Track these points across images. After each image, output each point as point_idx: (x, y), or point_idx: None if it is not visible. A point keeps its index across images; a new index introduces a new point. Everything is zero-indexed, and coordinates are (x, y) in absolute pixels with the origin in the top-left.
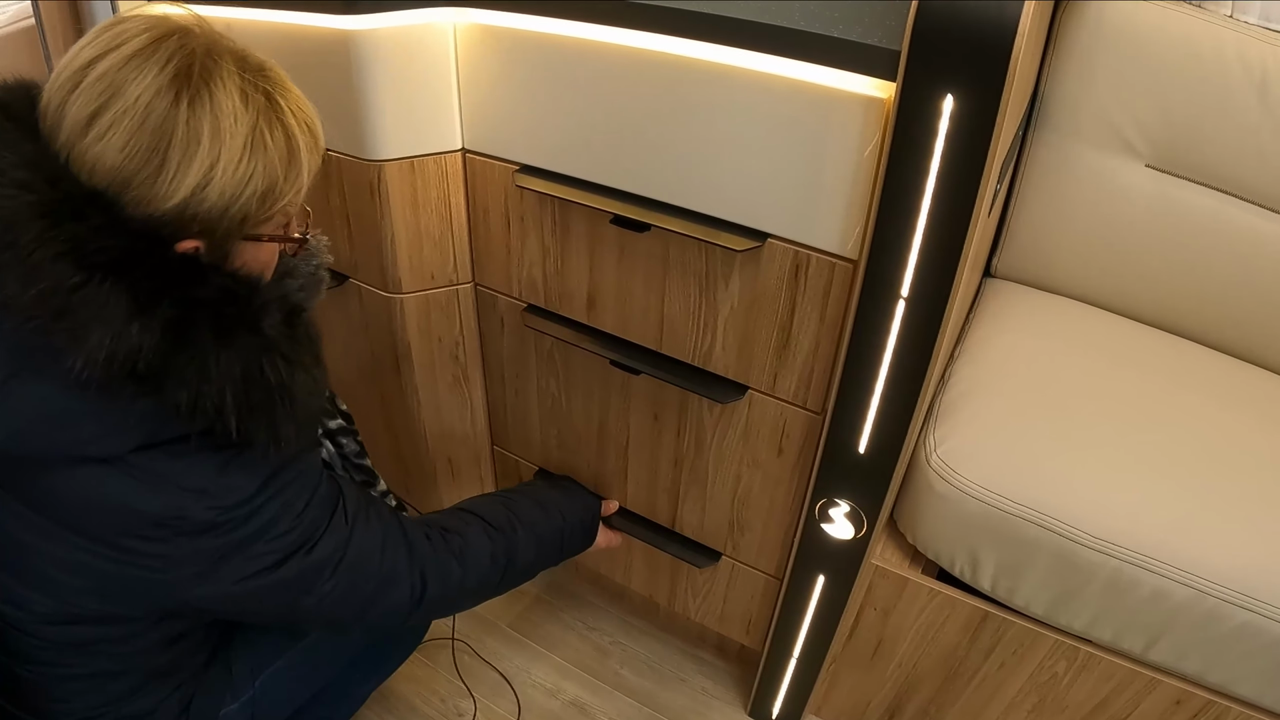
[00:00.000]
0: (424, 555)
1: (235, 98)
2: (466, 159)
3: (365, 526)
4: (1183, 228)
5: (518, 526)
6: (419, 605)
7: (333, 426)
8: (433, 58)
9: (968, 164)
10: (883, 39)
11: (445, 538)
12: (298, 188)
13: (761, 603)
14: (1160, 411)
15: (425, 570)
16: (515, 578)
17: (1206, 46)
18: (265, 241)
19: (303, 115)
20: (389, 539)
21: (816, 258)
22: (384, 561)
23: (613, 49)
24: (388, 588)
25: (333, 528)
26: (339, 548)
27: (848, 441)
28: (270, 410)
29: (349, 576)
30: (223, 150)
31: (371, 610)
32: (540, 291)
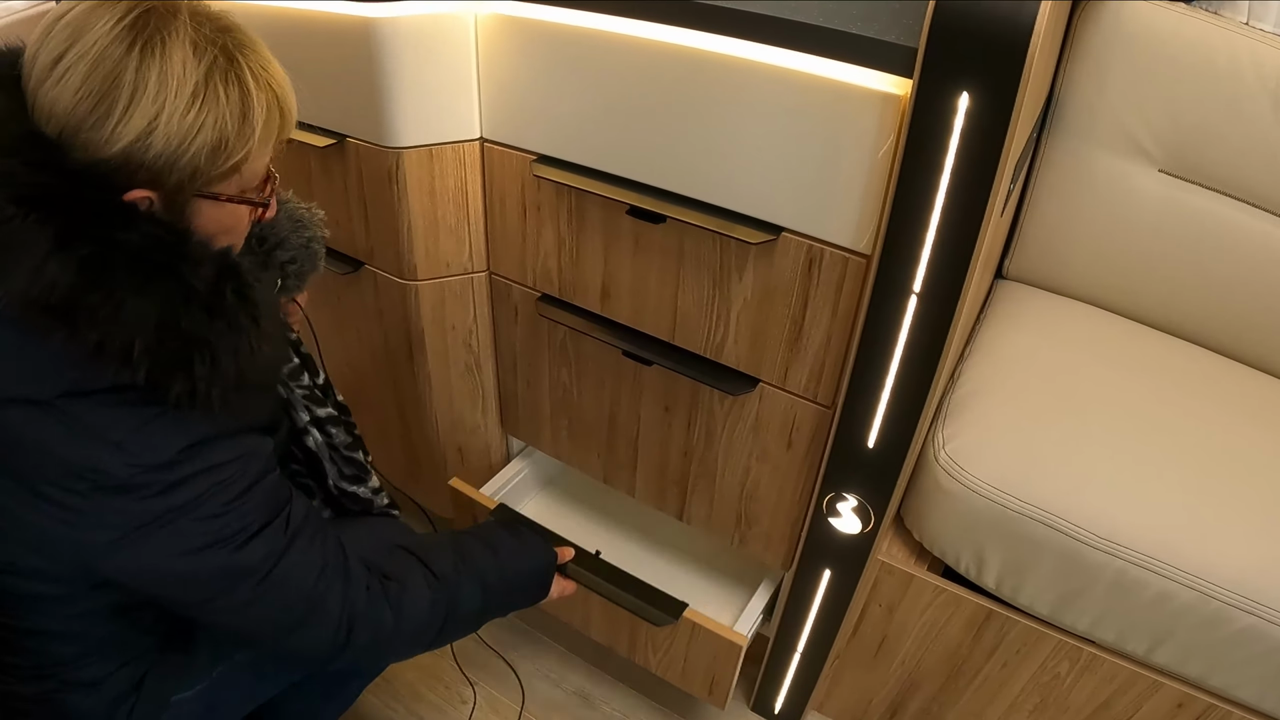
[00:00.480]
0: (357, 600)
1: (188, 49)
2: (484, 148)
3: (306, 548)
4: (1194, 233)
5: (463, 576)
6: (343, 650)
7: (321, 414)
8: (453, 47)
9: (982, 162)
10: (900, 36)
11: (384, 585)
12: (251, 146)
13: (724, 664)
14: (1169, 415)
15: (355, 617)
16: (456, 629)
17: (1221, 53)
18: (223, 201)
19: (265, 76)
20: (328, 572)
21: (830, 252)
22: (314, 593)
23: (632, 41)
24: (311, 623)
25: (268, 534)
26: (269, 558)
27: (857, 436)
28: (186, 364)
29: (272, 595)
30: (169, 99)
31: (289, 640)
32: (555, 281)
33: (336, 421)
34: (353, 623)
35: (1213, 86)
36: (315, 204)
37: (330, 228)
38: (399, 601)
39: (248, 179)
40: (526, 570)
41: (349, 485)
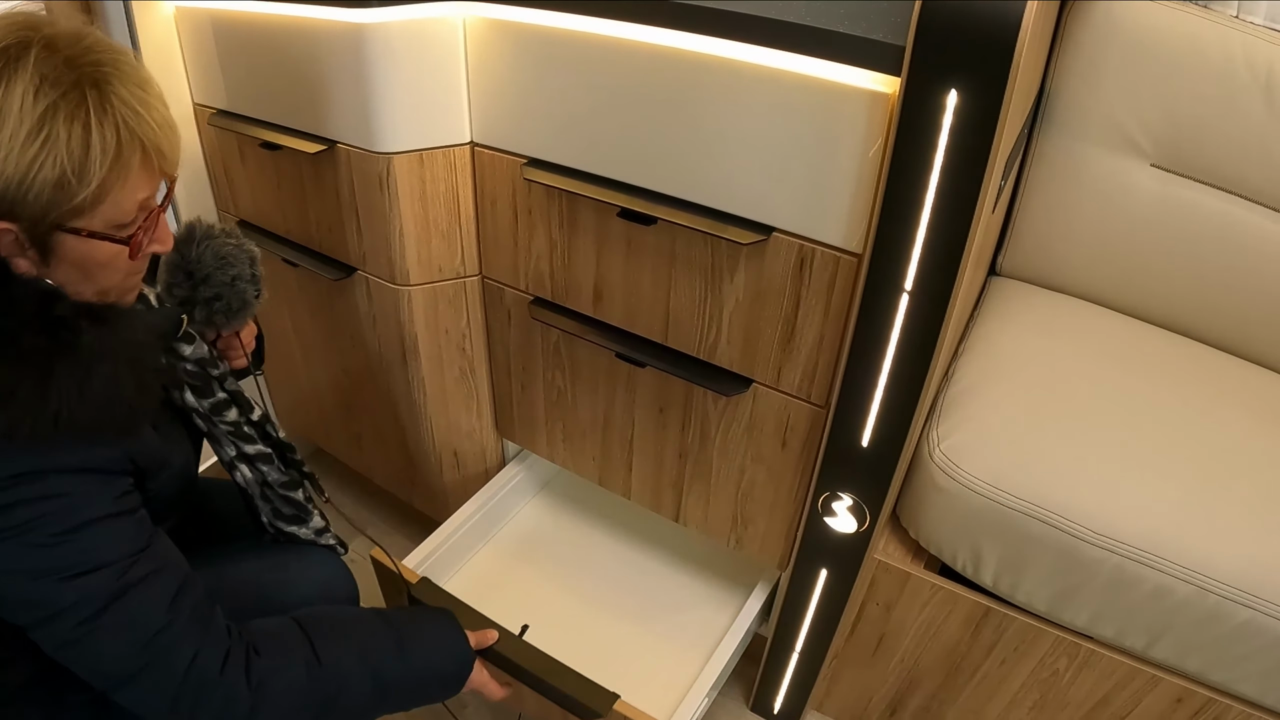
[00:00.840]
0: (208, 668)
1: (29, 87)
2: (475, 152)
3: (149, 601)
4: (1187, 228)
5: (353, 669)
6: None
7: (249, 451)
8: (442, 51)
9: (971, 159)
10: (888, 34)
11: (249, 660)
12: (95, 183)
13: None
14: (1164, 410)
15: (203, 687)
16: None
17: (1213, 47)
18: (85, 237)
19: (123, 112)
20: (174, 632)
21: (821, 251)
22: (151, 651)
23: (620, 43)
24: (144, 681)
25: (102, 575)
26: (101, 596)
27: (851, 435)
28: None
29: (100, 640)
30: (6, 137)
31: (122, 694)
32: (547, 284)
33: (269, 460)
34: (199, 692)
35: (1205, 80)
36: (250, 242)
37: (322, 234)
38: (262, 682)
39: (115, 214)
40: (435, 670)
41: (286, 525)
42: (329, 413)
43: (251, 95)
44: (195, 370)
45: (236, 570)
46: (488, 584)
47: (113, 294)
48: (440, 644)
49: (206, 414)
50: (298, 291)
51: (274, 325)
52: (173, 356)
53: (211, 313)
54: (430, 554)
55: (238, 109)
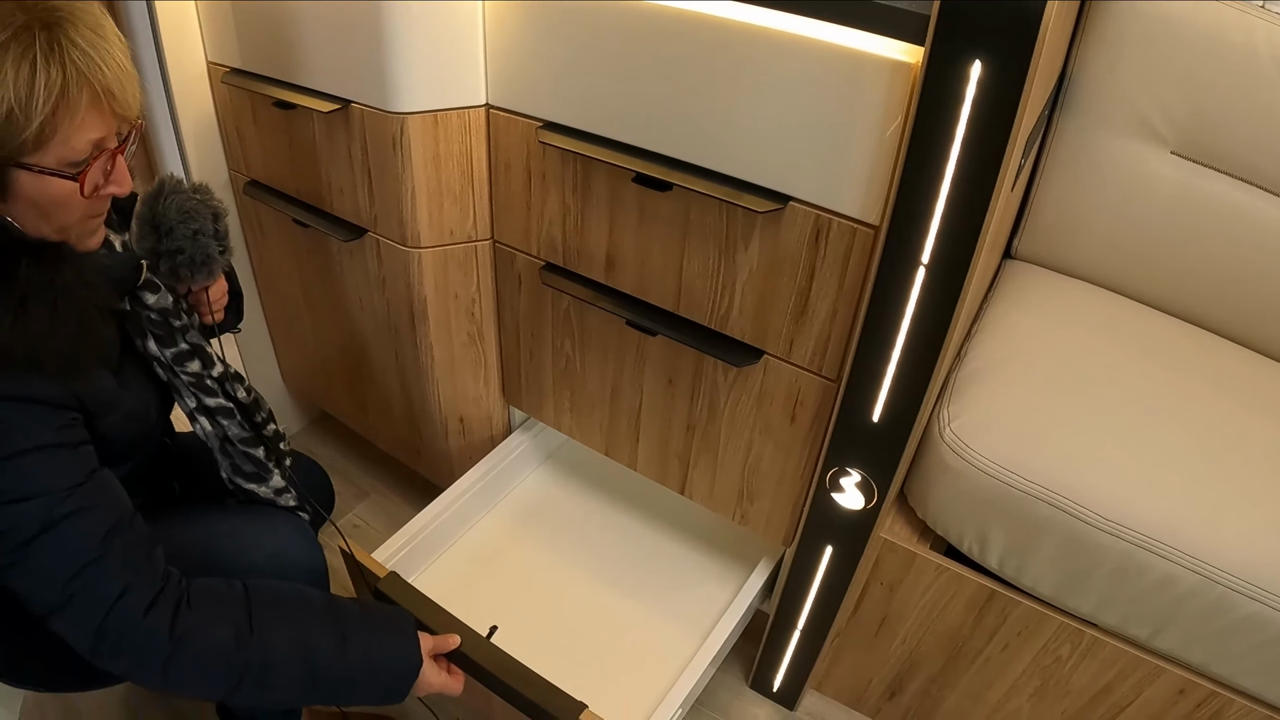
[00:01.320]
0: (133, 611)
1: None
2: (490, 114)
3: (75, 531)
4: (1205, 216)
5: (283, 647)
6: (99, 656)
7: (210, 404)
8: (459, 12)
9: (993, 132)
10: (912, 3)
11: (177, 610)
12: (41, 119)
13: None
14: (1176, 399)
15: (124, 627)
16: (261, 695)
17: (1236, 34)
18: (37, 173)
19: (66, 53)
20: (98, 565)
21: (838, 222)
22: (77, 583)
23: (640, 7)
24: (68, 612)
25: (37, 503)
26: (31, 525)
27: (861, 410)
28: None
29: (31, 566)
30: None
31: (51, 621)
32: (559, 250)
33: (229, 414)
34: (120, 631)
35: (1227, 69)
36: (216, 198)
37: (334, 194)
38: (186, 634)
39: (66, 153)
40: (374, 671)
41: (245, 482)
42: (335, 376)
43: (265, 54)
44: (158, 319)
45: (191, 528)
46: (487, 554)
47: (72, 234)
48: (387, 647)
49: (168, 364)
50: (306, 253)
51: (283, 287)
52: (137, 305)
53: (175, 265)
54: (428, 524)
55: (251, 67)
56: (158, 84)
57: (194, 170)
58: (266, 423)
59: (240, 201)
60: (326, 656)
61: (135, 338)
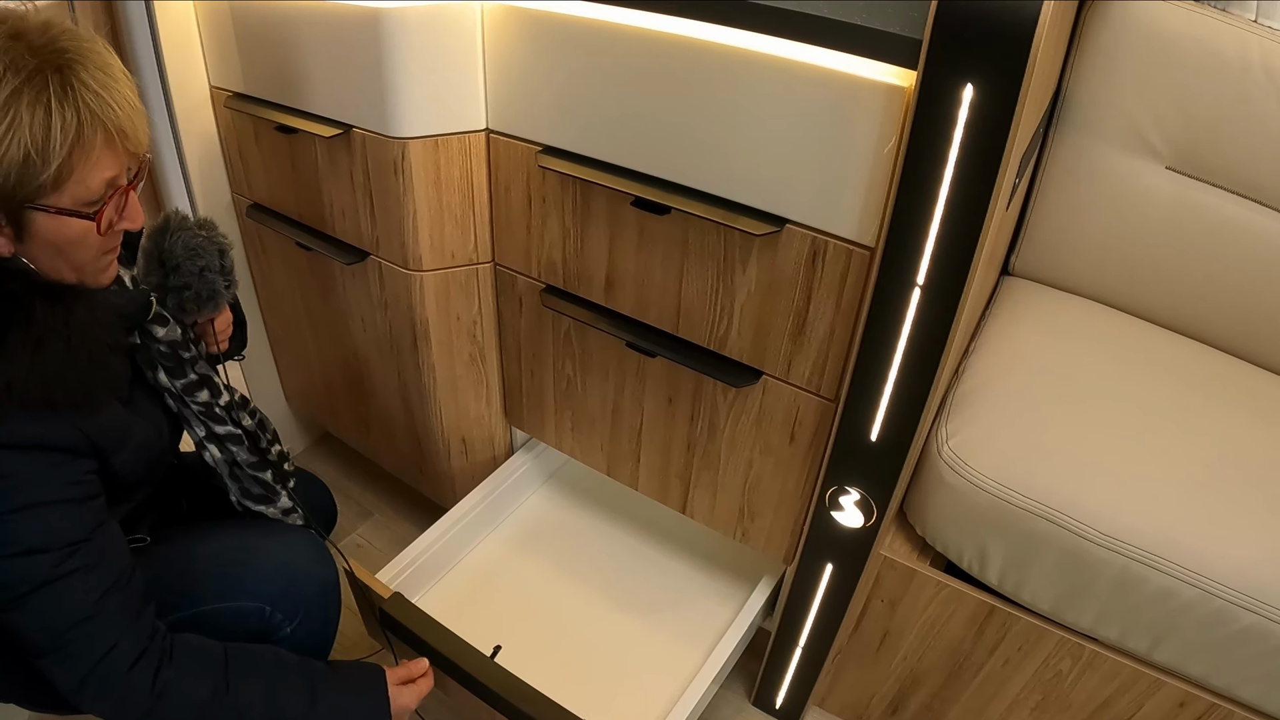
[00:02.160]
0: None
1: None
2: (490, 139)
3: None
4: (1202, 231)
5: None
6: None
7: (220, 432)
8: (459, 37)
9: (986, 154)
10: (905, 27)
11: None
12: (58, 161)
13: None
14: (1173, 413)
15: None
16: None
17: (1230, 50)
18: (54, 214)
19: (83, 94)
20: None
21: (834, 244)
22: (65, 636)
23: (638, 32)
24: (55, 661)
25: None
26: (28, 581)
27: (860, 429)
28: None
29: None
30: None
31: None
32: (559, 272)
33: (239, 440)
34: (103, 682)
35: (1222, 84)
36: (222, 234)
37: (336, 217)
38: (166, 689)
39: (81, 192)
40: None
41: (253, 504)
42: (338, 397)
43: (268, 78)
44: (167, 352)
45: (206, 544)
46: (490, 574)
47: (88, 271)
48: (354, 702)
49: (178, 394)
50: (309, 275)
51: (285, 309)
52: (147, 338)
53: (182, 300)
54: (431, 545)
55: (254, 92)
56: (162, 108)
57: (197, 193)
58: (272, 444)
59: (243, 224)
60: (295, 712)
61: (145, 370)
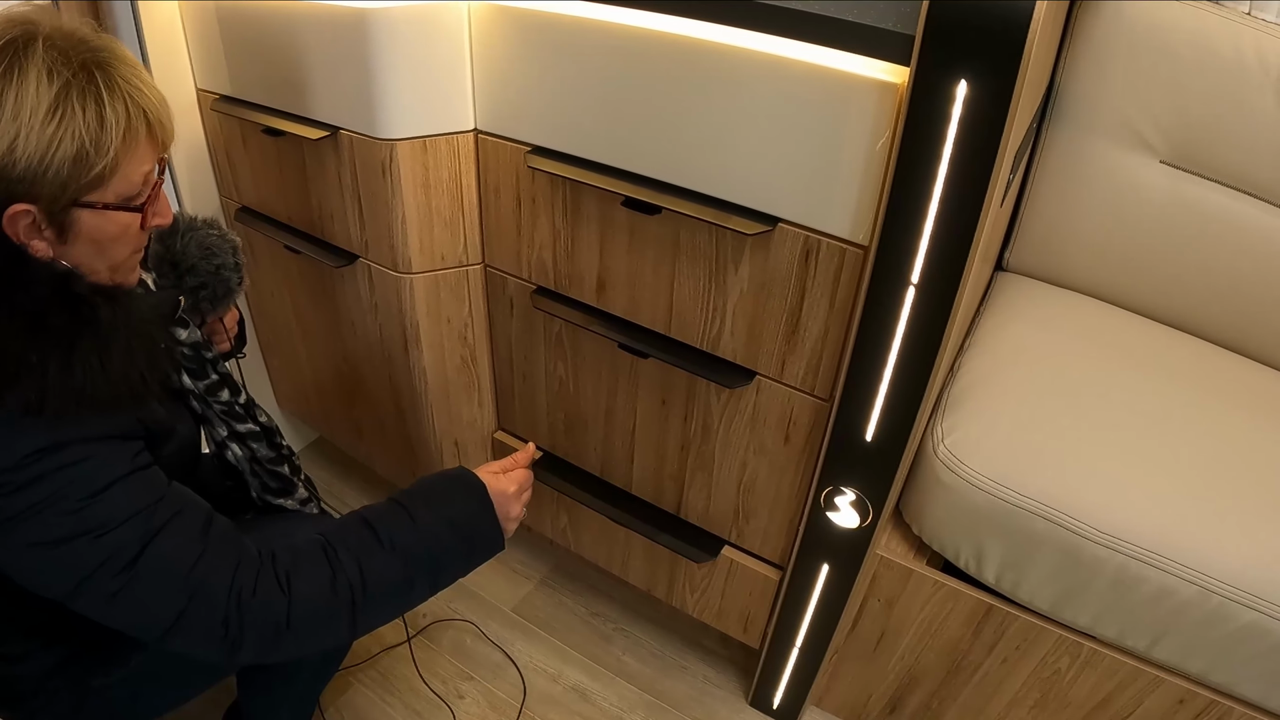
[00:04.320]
0: (245, 582)
1: (42, 72)
2: (479, 139)
3: (177, 538)
4: (1196, 225)
5: (371, 551)
6: (236, 644)
7: (241, 430)
8: (447, 38)
9: (981, 150)
10: (897, 24)
11: (273, 562)
12: (112, 155)
13: (759, 599)
14: (1170, 409)
15: (244, 601)
16: (382, 607)
17: (1224, 43)
18: (100, 209)
19: (123, 89)
20: (205, 562)
21: (827, 243)
22: (192, 580)
23: (627, 30)
24: (191, 615)
25: (131, 524)
26: (133, 544)
27: (855, 429)
28: (15, 380)
29: (141, 584)
30: (26, 118)
31: (177, 634)
32: (550, 274)
33: (258, 437)
34: (243, 607)
35: (1216, 78)
36: (231, 231)
37: (324, 220)
38: (292, 582)
39: (125, 187)
40: (451, 516)
41: (274, 498)
42: (330, 401)
43: (255, 81)
44: (190, 354)
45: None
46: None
47: (122, 270)
48: (449, 495)
49: (201, 395)
50: (299, 278)
51: (275, 312)
52: (170, 340)
53: (198, 300)
54: None
55: (241, 94)
56: None
57: (185, 197)
58: (282, 443)
59: (232, 228)
60: (407, 536)
61: (171, 373)
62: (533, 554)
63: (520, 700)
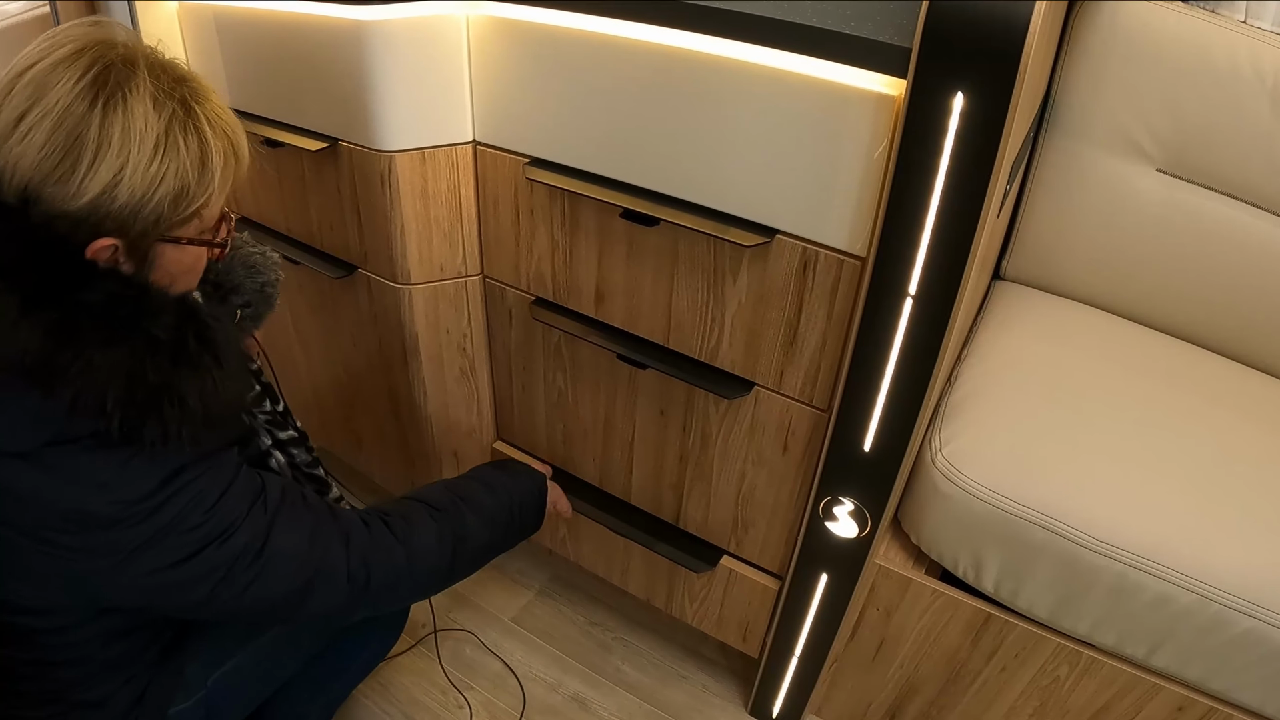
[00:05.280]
0: (362, 542)
1: (148, 103)
2: (477, 151)
3: (291, 516)
4: (1193, 233)
5: (463, 508)
6: (363, 594)
7: (283, 437)
8: (445, 49)
9: (977, 162)
10: (894, 36)
11: (386, 522)
12: (211, 192)
13: (759, 609)
14: (1167, 417)
15: (366, 557)
16: (468, 561)
17: (1219, 51)
18: (184, 244)
19: (220, 124)
20: (320, 529)
21: (825, 254)
22: (313, 551)
23: (625, 43)
24: (322, 579)
25: (251, 518)
26: (258, 537)
27: (853, 440)
28: (155, 410)
29: (272, 566)
30: (132, 152)
31: (310, 602)
32: (549, 285)
33: (298, 443)
34: (367, 564)
35: (1211, 85)
36: (269, 247)
37: (324, 231)
38: (406, 535)
39: (206, 221)
40: (522, 497)
41: None
42: (329, 411)
43: (254, 92)
44: None
45: None
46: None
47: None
48: (515, 475)
49: (248, 408)
50: (298, 290)
51: (275, 323)
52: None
53: (241, 318)
54: None
55: (240, 106)
56: None
57: None
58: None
59: None
60: (489, 504)
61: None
62: (531, 563)
63: (520, 710)
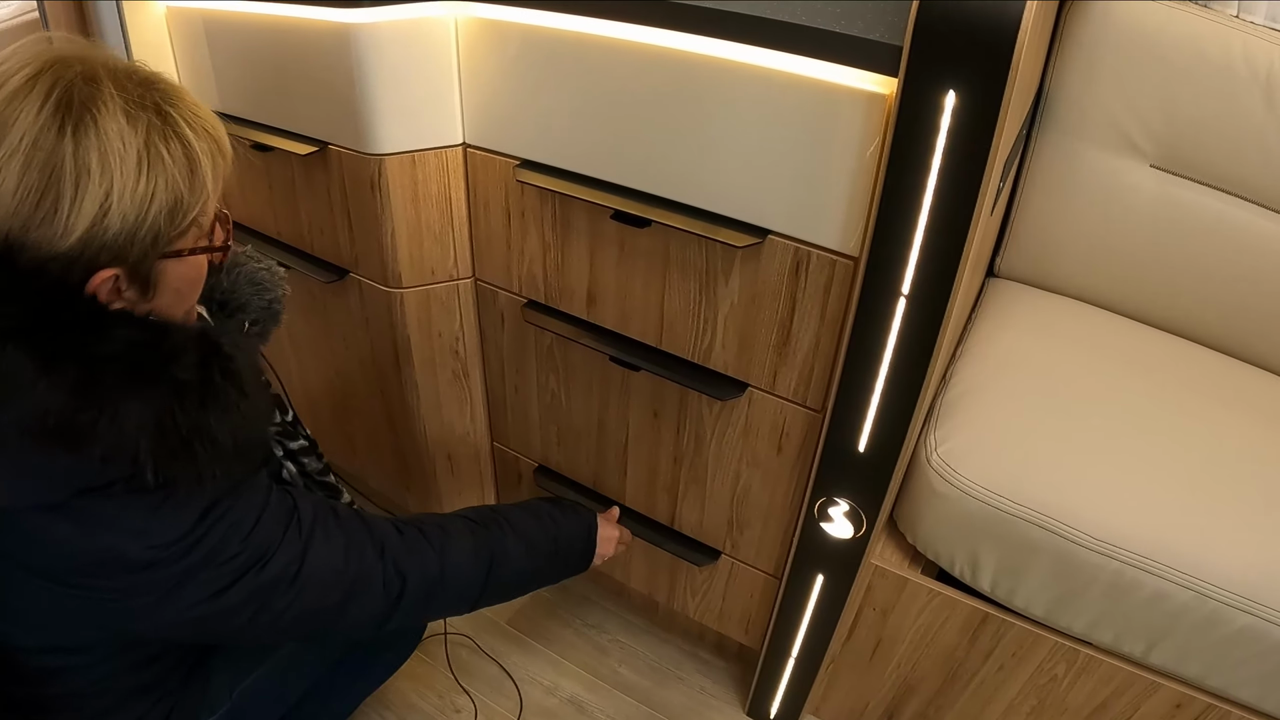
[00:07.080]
0: (396, 551)
1: (121, 119)
2: (467, 153)
3: (325, 534)
4: (1187, 228)
5: (505, 528)
6: (397, 603)
7: (293, 447)
8: (434, 51)
9: (970, 161)
10: (885, 34)
11: (422, 530)
12: (205, 197)
13: (760, 601)
14: (1163, 413)
15: (400, 563)
16: (502, 584)
17: (1212, 46)
18: (186, 256)
19: (199, 123)
20: (353, 543)
21: (817, 254)
22: (349, 566)
23: (614, 43)
24: (359, 591)
25: (287, 541)
26: (294, 560)
27: (848, 440)
28: (189, 454)
29: (311, 587)
30: (116, 176)
31: (346, 616)
32: (540, 287)
33: (308, 452)
34: (402, 571)
35: (1204, 80)
36: (274, 261)
37: (314, 235)
38: (443, 545)
39: (203, 226)
40: (569, 531)
41: None
42: (322, 415)
43: (243, 96)
44: None
45: None
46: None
47: (191, 312)
48: (566, 511)
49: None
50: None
51: None
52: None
53: (249, 337)
54: None
55: (229, 110)
56: None
57: None
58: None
59: None
60: (532, 529)
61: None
62: None
63: (517, 713)
